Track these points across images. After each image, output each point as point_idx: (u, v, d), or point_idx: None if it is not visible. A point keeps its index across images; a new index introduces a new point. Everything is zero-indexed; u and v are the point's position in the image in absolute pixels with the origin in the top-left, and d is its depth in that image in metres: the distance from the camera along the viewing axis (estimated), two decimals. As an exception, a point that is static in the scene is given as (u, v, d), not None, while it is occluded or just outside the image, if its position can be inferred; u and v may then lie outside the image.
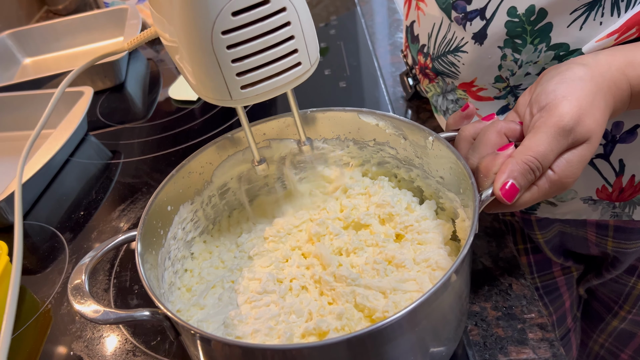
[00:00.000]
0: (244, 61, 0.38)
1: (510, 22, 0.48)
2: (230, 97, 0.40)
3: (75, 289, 0.42)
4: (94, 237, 0.69)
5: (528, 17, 0.47)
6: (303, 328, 0.43)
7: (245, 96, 0.40)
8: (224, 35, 0.37)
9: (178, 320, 0.38)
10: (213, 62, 0.38)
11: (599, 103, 0.42)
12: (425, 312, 0.38)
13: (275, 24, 0.38)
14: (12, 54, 1.13)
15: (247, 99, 0.40)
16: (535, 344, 0.48)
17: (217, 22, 0.36)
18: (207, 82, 0.39)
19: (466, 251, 0.39)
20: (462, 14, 0.51)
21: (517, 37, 0.49)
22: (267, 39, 0.38)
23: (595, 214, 0.60)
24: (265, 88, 0.40)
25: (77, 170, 0.83)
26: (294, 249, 0.51)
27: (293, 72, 0.41)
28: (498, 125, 0.46)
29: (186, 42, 0.38)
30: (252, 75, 0.39)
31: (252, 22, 0.37)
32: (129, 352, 0.54)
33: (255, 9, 0.37)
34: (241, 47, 0.38)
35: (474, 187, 0.43)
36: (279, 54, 0.39)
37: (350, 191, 0.56)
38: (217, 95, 0.40)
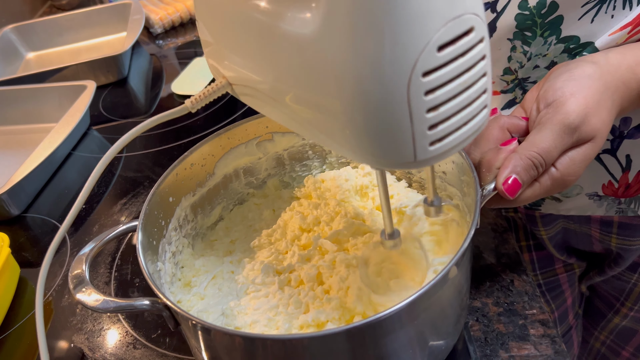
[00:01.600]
0: (440, 109, 0.29)
1: (520, 15, 0.48)
2: (414, 157, 0.30)
3: (76, 278, 0.42)
4: (96, 230, 0.69)
5: (539, 10, 0.47)
6: (301, 319, 0.43)
7: (431, 155, 0.31)
8: (424, 78, 0.28)
9: (178, 310, 0.38)
10: (402, 115, 0.29)
11: (606, 102, 0.42)
12: (425, 305, 0.38)
13: (475, 59, 0.30)
14: (15, 48, 1.13)
15: (434, 157, 0.31)
16: (537, 340, 0.48)
17: (420, 59, 0.27)
18: (382, 142, 0.30)
19: (467, 245, 0.38)
20: None
21: (527, 30, 0.49)
22: (466, 78, 0.30)
23: (600, 210, 0.59)
24: (455, 141, 0.31)
25: (79, 164, 0.83)
26: (293, 240, 0.51)
27: (480, 118, 0.32)
28: (501, 120, 0.45)
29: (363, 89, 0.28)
30: (445, 126, 0.30)
31: (455, 58, 0.29)
32: (129, 344, 0.54)
33: (460, 40, 0.28)
34: (440, 92, 0.29)
35: (476, 181, 0.43)
36: (472, 96, 0.31)
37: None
38: (392, 158, 0.31)
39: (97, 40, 1.17)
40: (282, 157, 0.58)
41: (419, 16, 0.26)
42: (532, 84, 0.52)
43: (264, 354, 0.38)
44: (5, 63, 1.09)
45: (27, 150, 0.79)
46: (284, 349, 0.37)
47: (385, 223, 0.40)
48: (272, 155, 0.58)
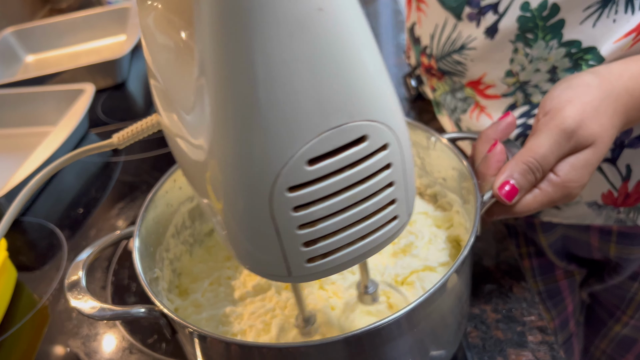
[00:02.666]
0: (316, 226, 0.26)
1: (522, 17, 0.48)
2: (288, 273, 0.27)
3: (72, 285, 0.42)
4: (93, 234, 0.69)
5: (540, 13, 0.47)
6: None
7: (310, 272, 0.27)
8: (290, 193, 0.24)
9: (174, 318, 0.38)
10: (267, 229, 0.25)
11: (606, 109, 0.42)
12: (425, 312, 0.38)
13: (370, 170, 0.25)
14: (14, 51, 1.13)
15: (313, 275, 0.27)
16: (535, 346, 0.47)
17: (283, 174, 0.24)
18: (252, 251, 0.27)
19: (467, 252, 0.38)
20: (477, 10, 0.51)
21: (528, 32, 0.49)
22: (356, 192, 0.25)
23: (599, 219, 0.59)
24: (342, 259, 0.27)
25: (77, 167, 0.83)
26: None
27: (385, 232, 0.28)
28: (483, 136, 0.46)
29: (223, 190, 0.25)
30: (327, 243, 0.26)
31: (336, 172, 0.25)
32: (125, 349, 0.53)
33: (344, 152, 0.24)
34: (314, 208, 0.25)
35: (476, 188, 0.43)
36: (370, 209, 0.26)
37: None
38: (268, 270, 0.28)
39: (96, 44, 1.17)
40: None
41: (283, 126, 0.23)
42: (533, 88, 0.52)
43: (261, 362, 0.38)
44: (4, 66, 1.09)
45: (25, 154, 0.79)
46: (281, 357, 0.37)
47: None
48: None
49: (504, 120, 0.46)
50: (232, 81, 0.22)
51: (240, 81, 0.22)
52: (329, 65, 0.23)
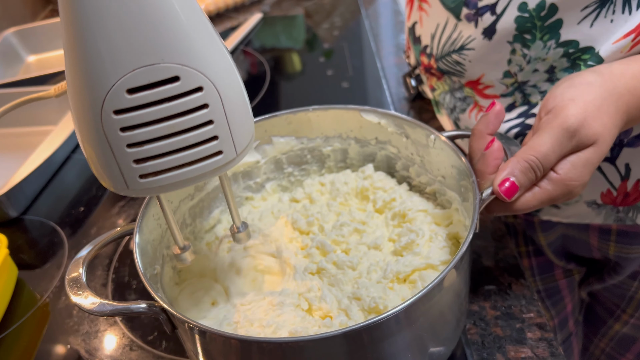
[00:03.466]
0: (143, 147, 0.32)
1: (520, 17, 0.48)
2: (126, 186, 0.33)
3: (73, 281, 0.42)
4: (94, 232, 0.69)
5: (538, 13, 0.47)
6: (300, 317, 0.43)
7: (144, 187, 0.33)
8: (116, 116, 0.31)
9: (174, 313, 0.38)
10: (104, 144, 0.32)
11: (608, 108, 0.42)
12: (423, 308, 0.38)
13: (186, 106, 0.31)
14: (16, 51, 1.13)
15: (148, 189, 0.34)
16: (534, 343, 0.47)
17: (108, 98, 0.30)
18: (98, 164, 0.33)
19: (465, 248, 0.38)
20: (474, 10, 0.51)
21: (526, 33, 0.49)
22: (174, 123, 0.32)
23: (598, 218, 0.59)
24: (172, 179, 0.33)
25: (78, 166, 0.83)
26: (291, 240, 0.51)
27: (211, 162, 0.34)
28: (475, 131, 0.46)
29: (74, 111, 0.32)
30: (154, 163, 0.32)
31: (153, 103, 0.31)
32: (125, 346, 0.54)
33: (158, 87, 0.30)
34: (139, 131, 0.31)
35: (475, 185, 0.43)
36: (191, 140, 0.32)
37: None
38: (111, 182, 0.34)
39: (97, 44, 1.17)
40: (280, 160, 0.58)
41: (105, 60, 0.29)
42: (531, 88, 0.53)
43: (260, 357, 0.38)
44: (5, 66, 1.09)
45: (26, 153, 0.79)
46: (281, 352, 0.37)
47: (176, 238, 0.42)
48: (270, 159, 0.58)
49: (492, 111, 0.46)
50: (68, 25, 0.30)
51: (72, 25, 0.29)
52: (139, 15, 0.29)
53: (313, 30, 1.12)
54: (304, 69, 1.00)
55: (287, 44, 1.09)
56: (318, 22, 1.14)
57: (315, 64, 0.99)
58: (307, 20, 1.16)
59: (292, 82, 0.97)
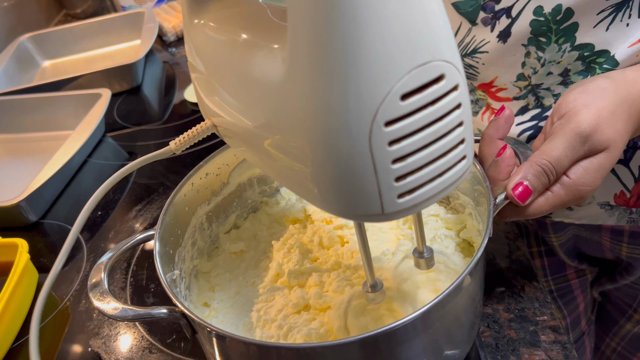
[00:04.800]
0: (407, 160, 0.28)
1: (535, 21, 0.48)
2: (382, 210, 0.29)
3: (95, 287, 0.43)
4: (111, 236, 0.71)
5: (554, 17, 0.48)
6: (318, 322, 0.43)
7: (401, 207, 0.29)
8: (387, 128, 0.27)
9: (195, 318, 0.39)
10: (366, 166, 0.27)
11: (622, 114, 0.42)
12: (439, 313, 0.38)
13: (446, 108, 0.28)
14: (31, 56, 1.15)
15: (403, 210, 0.29)
16: (548, 346, 0.48)
17: (381, 108, 0.26)
18: (349, 193, 0.29)
19: (480, 254, 0.39)
20: (491, 14, 0.51)
21: (541, 36, 0.49)
22: (437, 128, 0.28)
23: (611, 220, 0.60)
24: (427, 194, 0.30)
25: (95, 171, 0.84)
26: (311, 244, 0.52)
27: (458, 170, 0.30)
28: (486, 136, 0.46)
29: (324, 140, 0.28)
30: (414, 178, 0.29)
31: (422, 108, 0.27)
32: (145, 349, 0.55)
33: (428, 89, 0.27)
34: (405, 142, 0.27)
35: (489, 191, 0.43)
36: (446, 146, 0.29)
37: None
38: (358, 210, 0.29)
39: (111, 49, 1.19)
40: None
41: (380, 64, 0.26)
42: (545, 91, 0.53)
43: (278, 362, 0.39)
44: (21, 72, 1.11)
45: (44, 158, 0.81)
46: (298, 358, 0.38)
47: (367, 274, 0.38)
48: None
49: (502, 115, 0.46)
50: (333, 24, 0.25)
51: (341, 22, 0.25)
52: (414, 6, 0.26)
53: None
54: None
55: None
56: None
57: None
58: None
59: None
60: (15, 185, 0.82)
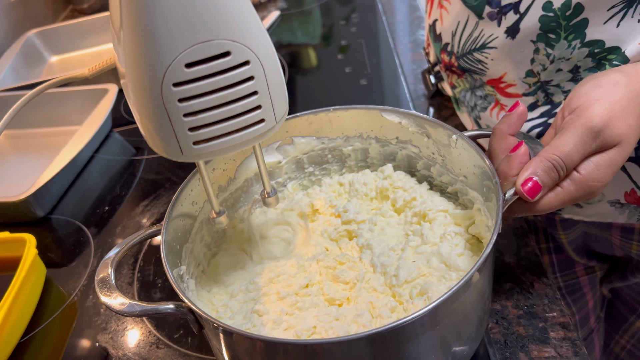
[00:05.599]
0: (198, 116, 0.35)
1: (544, 17, 0.48)
2: (181, 152, 0.37)
3: (102, 282, 0.43)
4: (119, 231, 0.71)
5: (564, 12, 0.47)
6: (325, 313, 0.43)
7: (197, 152, 0.37)
8: (175, 88, 0.34)
9: (201, 314, 0.39)
10: (162, 115, 0.35)
11: (634, 109, 0.42)
12: (447, 310, 0.38)
13: (236, 78, 0.35)
14: (38, 52, 1.15)
15: (200, 155, 0.37)
16: (557, 342, 0.47)
17: (168, 72, 0.33)
18: (155, 133, 0.36)
19: (489, 250, 0.39)
20: (497, 9, 0.51)
21: (550, 32, 0.48)
22: (225, 93, 0.35)
23: (621, 218, 0.59)
24: (221, 145, 0.37)
25: (102, 166, 0.84)
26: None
27: (254, 129, 0.37)
28: (497, 131, 0.46)
29: (133, 87, 0.35)
30: (207, 131, 0.36)
31: (208, 75, 0.34)
32: (152, 344, 0.55)
33: (213, 62, 0.34)
34: (195, 102, 0.35)
35: (498, 186, 0.43)
36: (239, 109, 0.36)
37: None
38: (166, 149, 0.37)
39: (118, 44, 1.19)
40: (301, 160, 0.59)
41: (165, 38, 0.32)
42: (554, 87, 0.52)
43: (285, 358, 0.39)
44: (29, 67, 1.11)
45: (51, 153, 0.81)
46: (305, 353, 0.38)
47: (212, 204, 0.45)
48: (292, 159, 0.58)
49: (515, 111, 0.46)
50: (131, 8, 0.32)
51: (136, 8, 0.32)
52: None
53: (329, 25, 1.12)
54: (321, 65, 1.00)
55: (303, 40, 1.09)
56: (334, 17, 1.14)
57: (332, 60, 0.99)
58: (323, 15, 1.16)
59: (310, 80, 0.97)
60: (22, 181, 0.82)
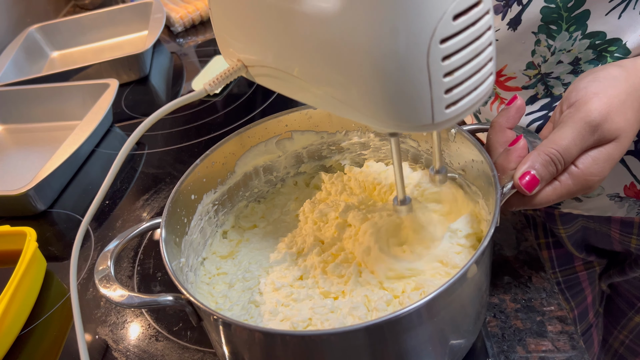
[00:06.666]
0: (455, 74, 0.32)
1: (546, 8, 0.48)
2: (432, 120, 0.33)
3: (101, 274, 0.43)
4: (119, 225, 0.71)
5: (565, 4, 0.47)
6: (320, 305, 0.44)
7: (447, 117, 0.33)
8: (442, 45, 0.31)
9: (200, 306, 0.39)
10: (422, 79, 0.31)
11: (633, 103, 0.42)
12: (445, 302, 0.38)
13: (483, 28, 0.32)
14: (40, 47, 1.16)
15: (450, 119, 0.34)
16: (555, 336, 0.48)
17: (438, 28, 0.30)
18: (403, 106, 0.33)
19: (487, 243, 0.39)
20: (503, 2, 0.51)
21: (552, 23, 0.48)
22: (477, 45, 0.32)
23: (620, 211, 0.59)
24: (467, 104, 0.34)
25: (103, 160, 0.85)
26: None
27: (487, 84, 0.35)
28: (496, 125, 0.46)
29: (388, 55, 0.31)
30: (459, 90, 0.33)
31: (468, 26, 0.31)
32: (151, 337, 0.55)
33: (471, 11, 0.31)
34: (455, 57, 0.32)
35: (496, 179, 0.43)
36: (481, 63, 0.33)
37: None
38: (412, 121, 0.33)
39: (119, 39, 1.19)
40: (301, 155, 0.59)
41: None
42: (555, 80, 0.52)
43: (283, 349, 0.39)
44: (30, 62, 1.11)
45: (52, 147, 0.81)
46: (304, 344, 0.38)
47: (398, 189, 0.42)
48: (291, 154, 0.58)
49: (513, 105, 0.46)
50: None
51: None
52: None
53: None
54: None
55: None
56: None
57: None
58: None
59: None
60: (23, 175, 0.82)
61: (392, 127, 0.35)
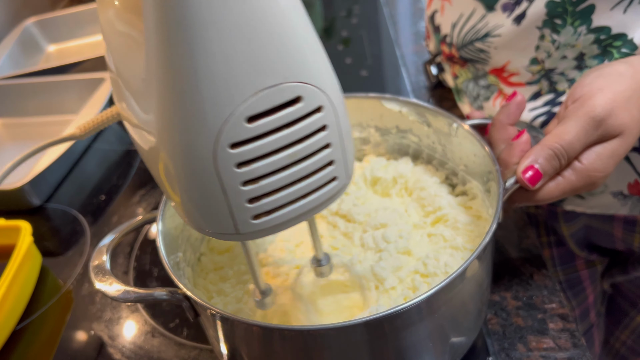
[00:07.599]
0: (259, 183, 0.27)
1: (551, 2, 0.47)
2: (236, 230, 0.28)
3: (97, 268, 0.43)
4: (115, 221, 0.70)
5: None
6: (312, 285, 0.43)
7: (257, 228, 0.28)
8: (233, 150, 0.26)
9: (197, 300, 0.38)
10: (213, 185, 0.27)
11: (638, 100, 0.41)
12: (445, 298, 0.38)
13: (307, 130, 0.27)
14: (36, 41, 1.15)
15: (261, 231, 0.29)
16: (556, 334, 0.47)
17: (225, 130, 0.25)
18: (200, 210, 0.28)
19: (489, 238, 0.38)
20: (513, 0, 0.50)
21: (557, 18, 0.48)
22: (294, 150, 0.27)
23: (624, 209, 0.58)
24: (287, 216, 0.29)
25: (99, 156, 0.84)
26: None
27: (325, 191, 0.29)
28: (497, 122, 0.45)
29: (170, 153, 0.27)
30: (270, 200, 0.28)
31: (274, 130, 0.26)
32: (147, 333, 0.54)
33: (280, 111, 0.26)
34: (257, 165, 0.27)
35: (499, 174, 0.42)
36: (309, 168, 0.28)
37: None
38: (218, 228, 0.29)
39: (116, 33, 1.18)
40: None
41: (221, 85, 0.24)
42: (559, 76, 0.52)
43: (282, 344, 0.38)
44: (26, 56, 1.10)
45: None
46: (302, 339, 0.37)
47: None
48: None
49: (513, 101, 0.45)
50: (171, 48, 0.24)
51: (179, 47, 0.24)
52: (261, 30, 0.24)
53: (331, 18, 1.11)
54: (322, 57, 1.00)
55: (304, 33, 1.08)
56: (336, 9, 1.13)
57: (333, 53, 0.98)
58: (325, 8, 1.15)
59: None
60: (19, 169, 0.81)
61: (197, 230, 0.31)
